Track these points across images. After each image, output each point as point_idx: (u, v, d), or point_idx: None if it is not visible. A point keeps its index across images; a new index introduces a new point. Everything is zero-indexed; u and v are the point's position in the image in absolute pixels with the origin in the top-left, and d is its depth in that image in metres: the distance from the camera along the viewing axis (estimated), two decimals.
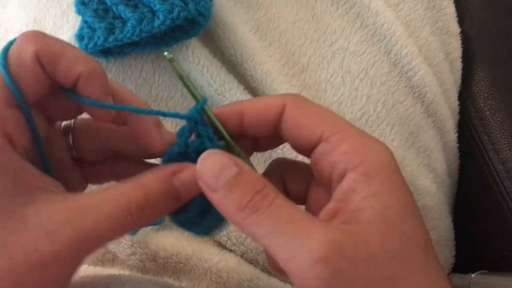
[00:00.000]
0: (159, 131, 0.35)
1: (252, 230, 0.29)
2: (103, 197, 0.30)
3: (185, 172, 0.32)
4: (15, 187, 0.29)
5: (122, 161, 0.38)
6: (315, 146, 0.33)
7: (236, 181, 0.30)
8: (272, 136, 0.35)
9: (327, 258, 0.27)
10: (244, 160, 0.33)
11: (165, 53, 0.34)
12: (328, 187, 0.33)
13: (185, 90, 0.55)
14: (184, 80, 0.35)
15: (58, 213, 0.29)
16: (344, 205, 0.30)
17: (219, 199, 0.30)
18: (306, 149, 0.33)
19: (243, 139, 0.36)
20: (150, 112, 0.34)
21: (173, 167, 0.33)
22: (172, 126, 0.54)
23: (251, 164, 0.34)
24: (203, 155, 0.32)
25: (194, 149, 0.33)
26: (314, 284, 0.27)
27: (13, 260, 0.27)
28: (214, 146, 0.33)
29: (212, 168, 0.31)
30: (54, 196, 0.30)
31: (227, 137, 0.34)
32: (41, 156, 0.33)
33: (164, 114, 0.34)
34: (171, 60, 0.34)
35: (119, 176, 0.38)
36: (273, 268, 0.33)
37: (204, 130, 0.33)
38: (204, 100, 0.34)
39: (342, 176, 0.31)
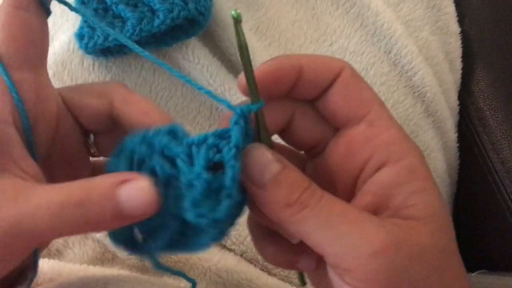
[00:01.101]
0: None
1: (299, 226, 0.28)
2: (52, 186, 0.29)
3: (133, 185, 0.29)
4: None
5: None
6: (352, 123, 0.31)
7: (283, 177, 0.29)
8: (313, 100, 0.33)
9: (386, 250, 0.27)
10: None
11: (233, 12, 0.29)
12: (346, 174, 0.32)
13: (184, 89, 0.55)
14: (246, 63, 0.30)
15: (8, 190, 0.29)
16: (386, 201, 0.29)
17: (264, 194, 0.29)
18: (341, 124, 0.32)
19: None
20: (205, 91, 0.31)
21: (123, 175, 0.30)
22: None
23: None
24: (249, 148, 0.29)
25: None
26: (373, 277, 0.27)
27: None
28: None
29: (258, 161, 0.29)
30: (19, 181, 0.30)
31: (270, 141, 0.32)
32: (27, 136, 0.32)
33: (216, 98, 0.31)
34: (237, 20, 0.29)
35: None
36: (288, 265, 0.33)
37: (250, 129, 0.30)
38: (261, 105, 0.30)
39: (380, 166, 0.30)
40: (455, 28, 0.65)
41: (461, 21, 0.66)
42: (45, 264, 0.48)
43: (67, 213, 0.28)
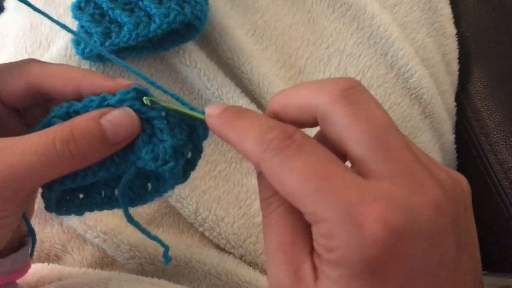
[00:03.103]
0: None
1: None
2: (31, 135, 0.31)
3: (113, 112, 0.32)
4: None
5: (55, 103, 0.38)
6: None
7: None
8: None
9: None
10: None
11: (144, 98, 0.35)
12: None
13: (182, 93, 0.56)
14: (177, 109, 0.35)
15: None
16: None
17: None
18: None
19: None
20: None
21: (103, 109, 0.33)
22: None
23: None
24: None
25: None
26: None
27: None
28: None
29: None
30: None
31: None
32: None
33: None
34: (153, 102, 0.35)
35: None
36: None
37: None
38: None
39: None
40: (451, 29, 0.65)
41: (457, 22, 0.66)
42: (44, 268, 0.49)
43: (57, 151, 0.30)
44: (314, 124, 0.30)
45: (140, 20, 0.47)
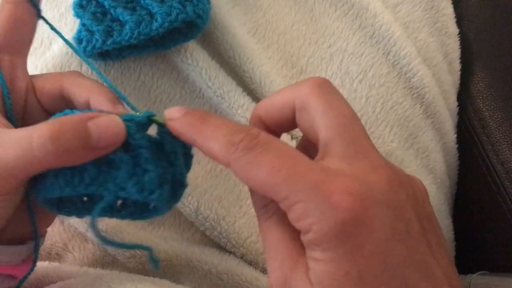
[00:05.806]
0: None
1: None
2: (23, 128, 0.33)
3: (102, 117, 0.34)
4: None
5: None
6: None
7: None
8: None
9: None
10: None
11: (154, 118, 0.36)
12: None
13: (183, 92, 0.55)
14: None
15: None
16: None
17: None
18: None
19: None
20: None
21: (94, 113, 0.34)
22: None
23: None
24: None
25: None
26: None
27: None
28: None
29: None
30: None
31: None
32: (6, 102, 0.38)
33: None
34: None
35: None
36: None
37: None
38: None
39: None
40: (453, 29, 0.65)
41: (459, 22, 0.66)
42: (45, 267, 0.48)
43: (46, 147, 0.32)
44: (293, 122, 0.35)
45: (142, 19, 0.47)
